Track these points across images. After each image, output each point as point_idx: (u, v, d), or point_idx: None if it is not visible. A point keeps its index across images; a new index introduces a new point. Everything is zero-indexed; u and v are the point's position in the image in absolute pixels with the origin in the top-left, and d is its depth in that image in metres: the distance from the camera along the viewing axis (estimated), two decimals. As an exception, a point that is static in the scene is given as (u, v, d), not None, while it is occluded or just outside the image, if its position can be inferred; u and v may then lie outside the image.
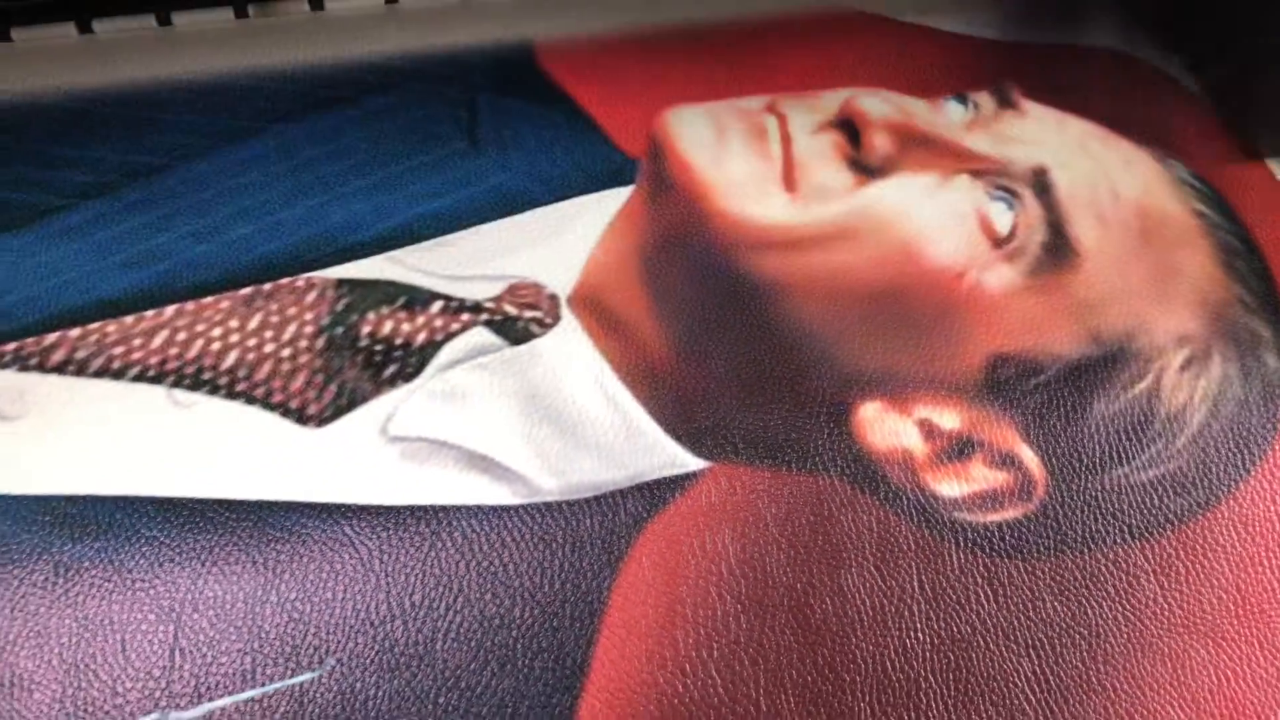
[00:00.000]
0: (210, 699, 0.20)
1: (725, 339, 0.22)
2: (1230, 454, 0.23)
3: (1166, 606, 0.22)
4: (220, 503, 0.20)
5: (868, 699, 0.21)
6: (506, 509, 0.21)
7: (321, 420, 0.21)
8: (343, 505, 0.20)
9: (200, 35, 0.26)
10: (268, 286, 0.23)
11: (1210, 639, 0.22)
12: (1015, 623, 0.22)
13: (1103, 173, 0.25)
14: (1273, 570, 0.22)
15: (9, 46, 0.25)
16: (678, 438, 0.21)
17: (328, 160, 0.25)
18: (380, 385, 0.21)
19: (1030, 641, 0.21)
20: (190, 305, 0.22)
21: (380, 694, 0.20)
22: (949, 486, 0.22)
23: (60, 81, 0.25)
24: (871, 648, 0.21)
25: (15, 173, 0.23)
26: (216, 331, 0.22)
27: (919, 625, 0.21)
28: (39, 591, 0.20)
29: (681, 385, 0.22)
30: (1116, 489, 0.22)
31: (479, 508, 0.21)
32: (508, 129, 0.25)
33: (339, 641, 0.20)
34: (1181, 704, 0.21)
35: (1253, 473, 0.23)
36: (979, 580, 0.22)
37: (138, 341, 0.22)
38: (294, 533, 0.20)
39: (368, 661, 0.20)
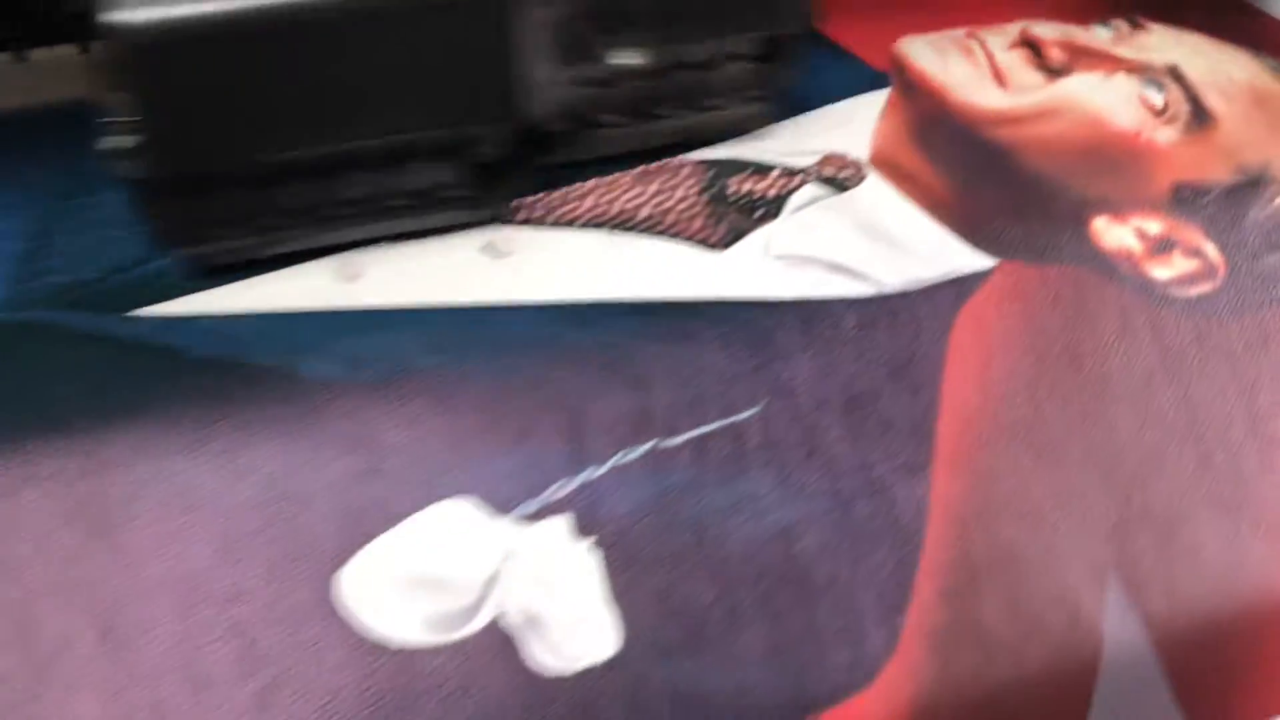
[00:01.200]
0: (682, 433, 0.27)
1: (987, 181, 0.31)
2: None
3: (1320, 347, 0.30)
4: (665, 302, 0.28)
5: (1127, 419, 0.29)
6: (864, 298, 0.28)
7: (722, 246, 0.29)
8: (747, 300, 0.28)
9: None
10: (654, 166, 0.30)
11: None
12: (1218, 366, 0.30)
13: (1217, 66, 0.34)
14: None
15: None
16: (972, 245, 0.29)
17: None
18: (754, 223, 0.29)
19: (1230, 377, 0.30)
20: (605, 179, 0.30)
21: (794, 429, 0.27)
22: (1160, 271, 0.30)
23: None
24: (1125, 390, 0.29)
25: None
26: (629, 195, 0.30)
27: (1154, 368, 0.29)
28: (548, 364, 0.27)
29: (965, 213, 0.30)
30: (1273, 269, 0.30)
31: (843, 299, 0.28)
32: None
33: (757, 394, 0.27)
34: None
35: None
36: (1189, 336, 0.30)
37: (573, 204, 0.29)
38: (720, 318, 0.28)
39: (780, 407, 0.27)
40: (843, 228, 0.30)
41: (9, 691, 0.24)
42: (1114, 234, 0.30)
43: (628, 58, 0.29)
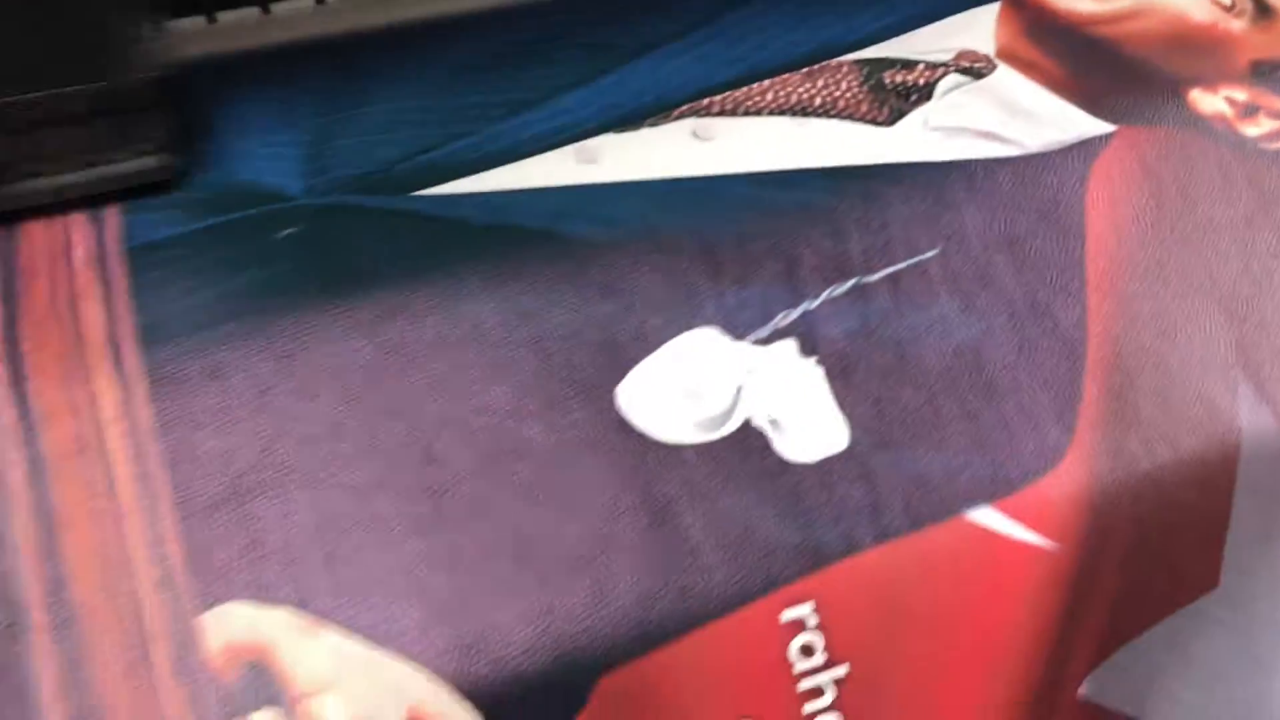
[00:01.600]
0: (878, 271, 0.32)
1: (1096, 67, 0.36)
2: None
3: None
4: (848, 167, 0.33)
5: (1235, 253, 0.34)
6: (1012, 158, 0.34)
7: (888, 123, 0.34)
8: (916, 163, 0.33)
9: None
10: (816, 68, 0.35)
11: None
12: None
13: None
14: None
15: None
16: (1093, 115, 0.34)
17: (805, 10, 0.38)
18: (911, 105, 0.34)
19: None
20: (778, 79, 0.35)
21: (968, 265, 0.32)
22: (1250, 129, 0.35)
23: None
24: (1230, 228, 0.34)
25: (626, 17, 0.36)
26: (802, 88, 0.35)
27: (1253, 209, 0.34)
28: (760, 220, 0.31)
29: (1082, 91, 0.35)
30: None
31: (995, 159, 0.33)
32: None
33: (935, 238, 0.32)
34: None
35: None
36: (1273, 182, 0.35)
37: (757, 97, 0.34)
38: (896, 179, 0.33)
39: (955, 248, 0.32)
40: (986, 104, 0.35)
41: (352, 497, 0.28)
42: (1208, 101, 0.36)
43: None
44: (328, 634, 0.27)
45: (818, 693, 0.29)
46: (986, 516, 0.31)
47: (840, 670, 0.30)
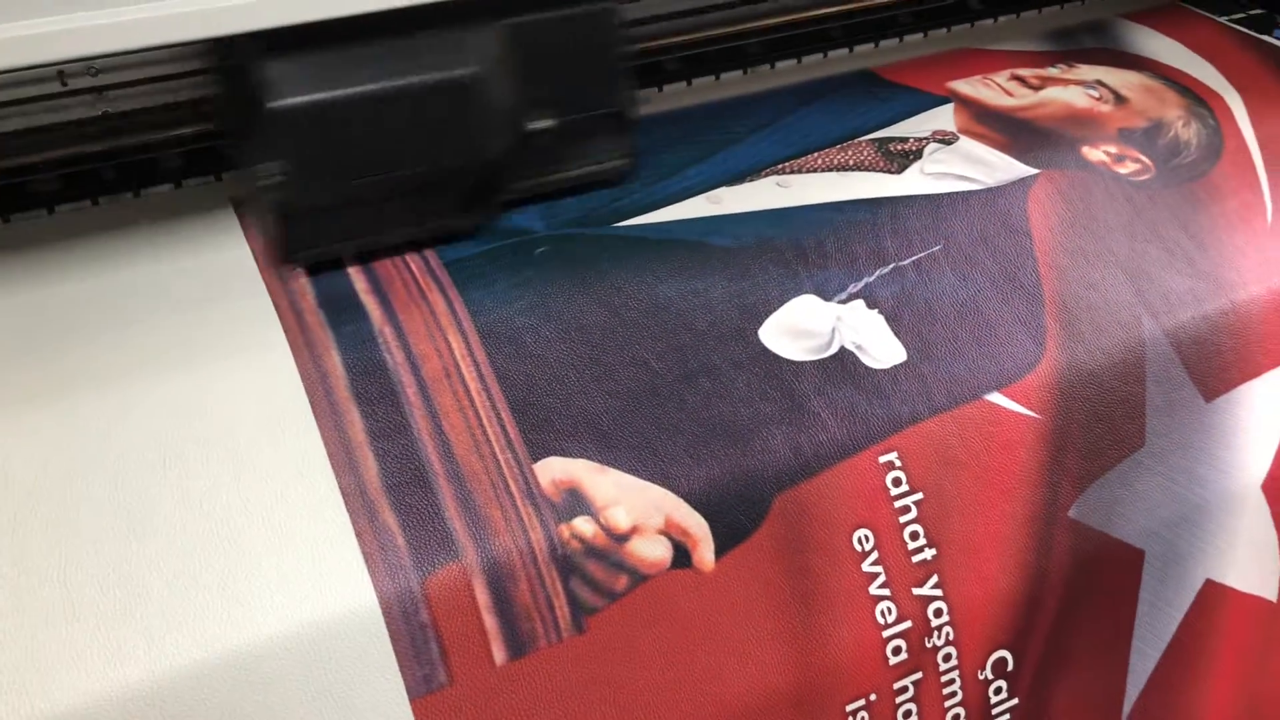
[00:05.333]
0: (906, 259, 0.49)
1: (1023, 135, 0.55)
2: (1206, 156, 0.56)
3: (1211, 201, 0.54)
4: (878, 198, 0.50)
5: (1121, 240, 0.52)
6: (979, 190, 0.52)
7: (898, 172, 0.52)
8: (920, 194, 0.51)
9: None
10: (846, 144, 0.54)
11: (1238, 215, 0.54)
12: (1163, 212, 0.53)
13: (1121, 77, 0.60)
14: (1240, 188, 0.55)
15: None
16: (1025, 164, 0.53)
17: (832, 111, 0.56)
18: (910, 161, 0.53)
19: (1170, 216, 0.53)
20: (823, 152, 0.53)
21: (959, 255, 0.50)
22: (1122, 169, 0.55)
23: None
24: (1117, 225, 0.52)
25: (724, 121, 0.54)
26: (840, 155, 0.53)
27: (1131, 216, 0.53)
28: (829, 229, 0.49)
29: (1016, 149, 0.54)
30: (1178, 165, 0.55)
31: (968, 191, 0.52)
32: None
33: (938, 238, 0.50)
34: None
35: (1218, 163, 0.56)
36: (1145, 199, 0.54)
37: (813, 162, 0.52)
38: (908, 203, 0.50)
39: (950, 245, 0.50)
40: (958, 159, 0.54)
41: (607, 396, 0.44)
42: (1093, 154, 0.55)
43: None
44: (611, 472, 0.42)
45: (907, 510, 0.45)
46: (997, 398, 0.48)
47: (918, 495, 0.46)
